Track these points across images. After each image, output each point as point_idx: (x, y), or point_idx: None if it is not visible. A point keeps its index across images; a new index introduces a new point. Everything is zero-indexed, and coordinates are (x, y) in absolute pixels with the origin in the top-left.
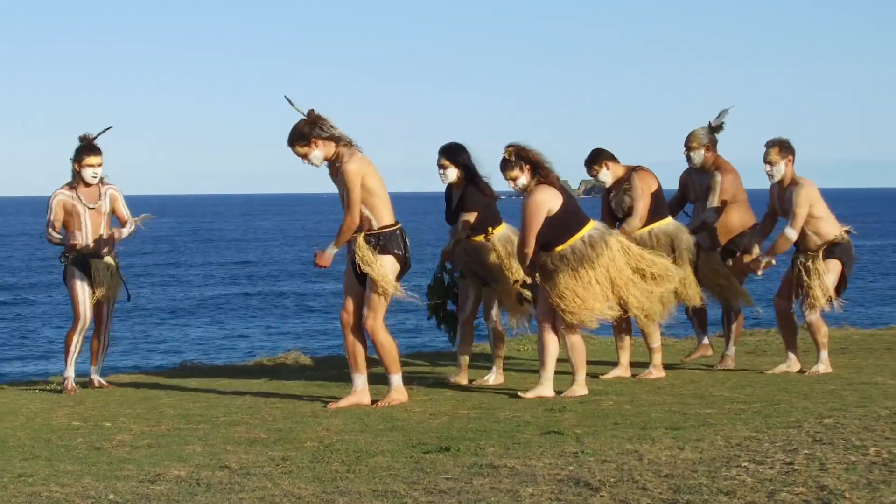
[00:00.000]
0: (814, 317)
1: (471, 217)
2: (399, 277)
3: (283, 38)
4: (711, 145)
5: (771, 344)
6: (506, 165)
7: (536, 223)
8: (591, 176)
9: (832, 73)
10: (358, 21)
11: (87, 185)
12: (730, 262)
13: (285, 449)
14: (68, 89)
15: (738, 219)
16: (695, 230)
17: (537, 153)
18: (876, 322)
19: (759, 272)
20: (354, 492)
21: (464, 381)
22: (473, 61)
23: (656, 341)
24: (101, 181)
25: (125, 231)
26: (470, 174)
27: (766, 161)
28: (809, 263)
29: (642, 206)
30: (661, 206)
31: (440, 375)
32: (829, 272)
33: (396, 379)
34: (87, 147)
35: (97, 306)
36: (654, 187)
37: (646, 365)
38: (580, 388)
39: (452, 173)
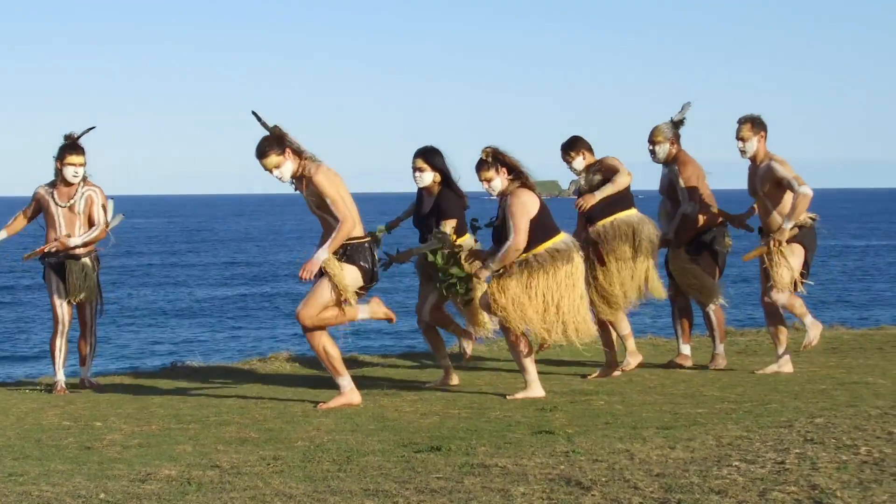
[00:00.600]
0: (784, 298)
1: (452, 224)
2: (365, 290)
3: (273, 35)
4: (675, 140)
5: (762, 344)
6: (482, 166)
7: (525, 223)
8: (566, 161)
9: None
10: (354, 20)
11: (69, 184)
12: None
13: (276, 448)
14: (55, 88)
15: (703, 213)
16: (677, 229)
17: (514, 158)
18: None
19: (782, 241)
20: (346, 491)
21: (452, 382)
22: (461, 61)
23: (626, 328)
24: (84, 180)
25: (72, 241)
26: (446, 179)
27: (738, 137)
28: (773, 246)
29: (612, 188)
30: (626, 197)
31: (431, 375)
32: (792, 256)
33: (343, 382)
34: (69, 146)
35: (80, 308)
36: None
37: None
38: (533, 388)
39: (428, 177)
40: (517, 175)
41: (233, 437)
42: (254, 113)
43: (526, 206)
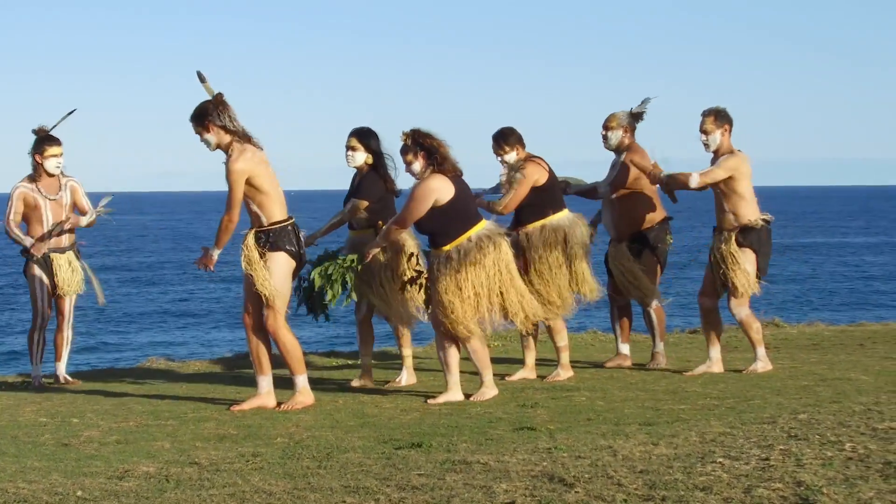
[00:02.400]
0: (744, 313)
1: (362, 204)
2: (295, 274)
3: (260, 32)
4: (630, 130)
5: (742, 340)
6: (403, 150)
7: (418, 209)
8: (498, 155)
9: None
10: (348, 18)
11: (50, 175)
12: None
13: (255, 445)
14: (29, 82)
15: (644, 209)
16: (617, 227)
17: (438, 141)
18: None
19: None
20: (326, 488)
21: (369, 384)
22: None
23: (563, 339)
24: (61, 173)
25: (83, 220)
26: (377, 162)
27: (702, 130)
28: (723, 247)
29: (516, 195)
30: (554, 198)
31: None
32: (744, 261)
33: (301, 380)
34: (47, 137)
35: (59, 300)
36: (542, 181)
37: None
38: (489, 389)
39: (360, 157)
40: (436, 158)
41: (211, 434)
42: (198, 73)
43: (430, 192)
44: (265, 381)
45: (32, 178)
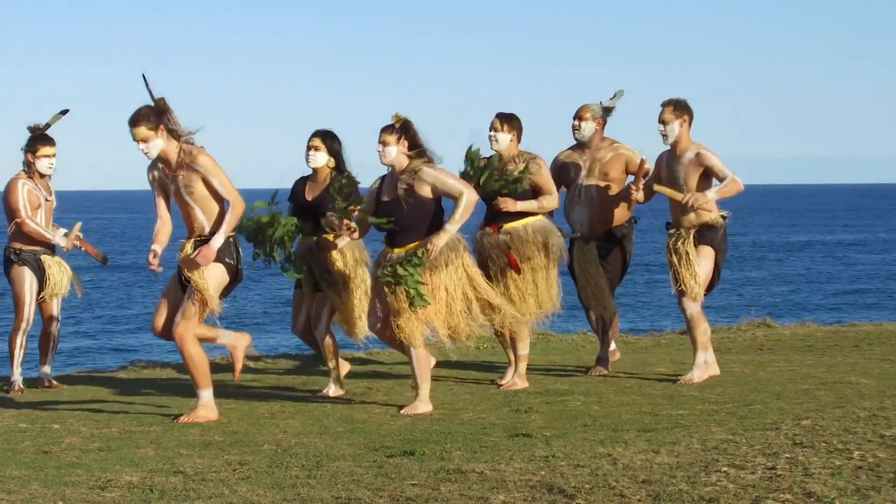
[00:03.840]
0: (694, 310)
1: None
2: (229, 289)
3: (248, 28)
4: (602, 123)
5: (735, 341)
6: (387, 128)
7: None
8: (495, 130)
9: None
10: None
11: (42, 176)
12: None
13: (242, 453)
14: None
15: (619, 207)
16: (591, 224)
17: (422, 139)
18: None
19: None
20: (316, 499)
21: (335, 393)
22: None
23: (525, 349)
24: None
25: (65, 243)
26: (340, 165)
27: (660, 120)
28: (680, 245)
29: (535, 208)
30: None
31: (395, 375)
32: (701, 259)
33: (206, 394)
34: (41, 137)
35: (46, 302)
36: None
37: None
38: (423, 403)
39: (322, 158)
40: (420, 153)
41: (196, 441)
42: (143, 77)
43: (447, 175)
44: (206, 394)
45: (30, 176)
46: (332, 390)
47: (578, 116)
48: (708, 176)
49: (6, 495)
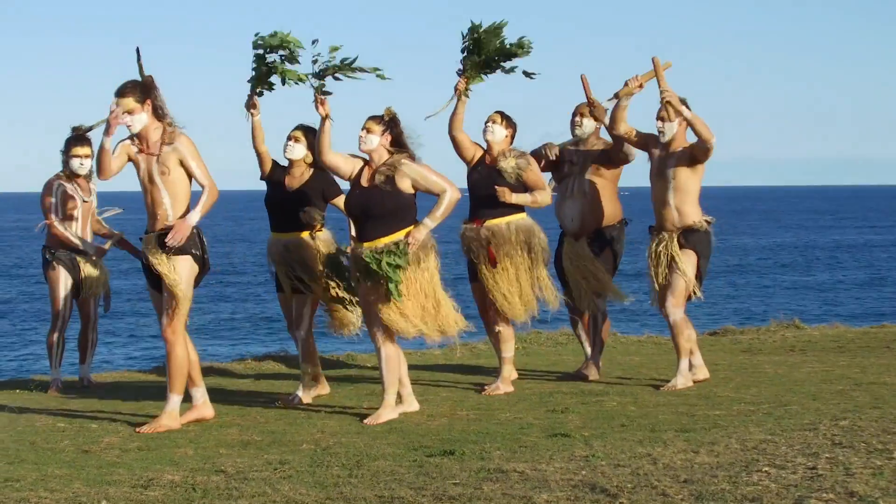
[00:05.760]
0: (678, 316)
1: (339, 203)
2: (198, 280)
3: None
4: (602, 123)
5: (765, 342)
6: (375, 118)
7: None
8: (493, 122)
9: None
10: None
11: (77, 176)
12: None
13: (281, 452)
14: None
15: (611, 205)
16: (582, 222)
17: (407, 138)
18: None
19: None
20: (359, 498)
21: (307, 399)
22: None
23: (509, 350)
24: (88, 175)
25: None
26: (316, 161)
27: (659, 117)
28: (662, 249)
29: (529, 202)
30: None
31: (434, 379)
32: (686, 264)
33: (175, 400)
34: (74, 137)
35: (84, 302)
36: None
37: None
38: (386, 411)
39: (301, 150)
40: (401, 149)
41: (235, 440)
42: (137, 50)
43: (430, 171)
44: (199, 392)
45: (69, 177)
46: (304, 395)
47: (580, 113)
48: (695, 168)
49: (49, 494)
